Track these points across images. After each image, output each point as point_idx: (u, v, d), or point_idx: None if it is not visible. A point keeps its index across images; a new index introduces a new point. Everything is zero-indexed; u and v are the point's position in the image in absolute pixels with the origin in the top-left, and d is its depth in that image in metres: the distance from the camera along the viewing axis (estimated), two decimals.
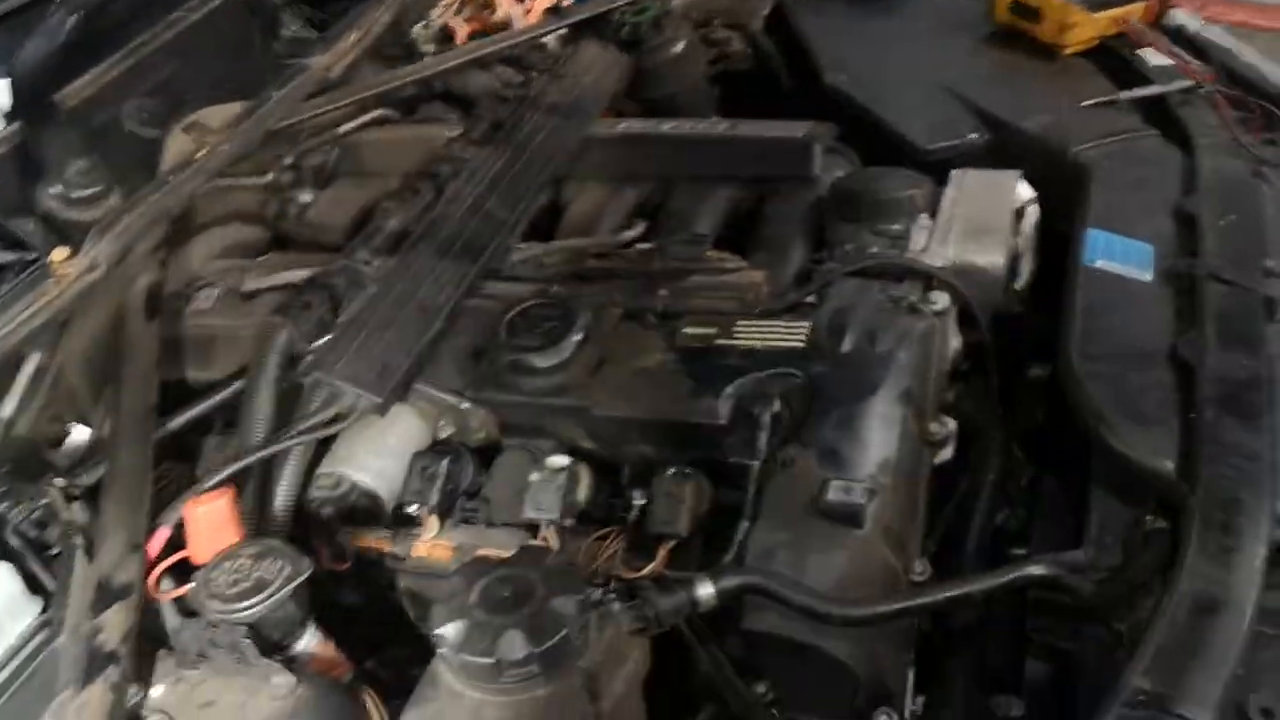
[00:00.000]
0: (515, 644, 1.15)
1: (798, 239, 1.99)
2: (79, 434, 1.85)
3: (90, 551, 1.37)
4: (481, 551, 1.55)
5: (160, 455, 1.77)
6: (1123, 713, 1.12)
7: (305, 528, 1.62)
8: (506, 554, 1.33)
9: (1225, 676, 1.14)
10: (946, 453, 1.65)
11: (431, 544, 1.64)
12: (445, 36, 2.82)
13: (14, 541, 1.47)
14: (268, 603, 1.24)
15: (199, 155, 2.05)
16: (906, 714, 1.51)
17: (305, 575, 1.27)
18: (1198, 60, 2.24)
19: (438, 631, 1.19)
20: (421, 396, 1.73)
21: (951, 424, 1.64)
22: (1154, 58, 2.29)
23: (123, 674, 1.23)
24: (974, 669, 1.64)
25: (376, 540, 1.67)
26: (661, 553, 1.53)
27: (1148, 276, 1.64)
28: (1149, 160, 1.93)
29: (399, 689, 1.29)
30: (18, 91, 1.88)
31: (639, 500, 1.63)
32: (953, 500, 1.74)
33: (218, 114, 2.20)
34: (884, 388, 1.57)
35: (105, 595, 1.32)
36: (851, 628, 1.40)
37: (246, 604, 1.24)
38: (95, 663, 1.25)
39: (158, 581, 1.35)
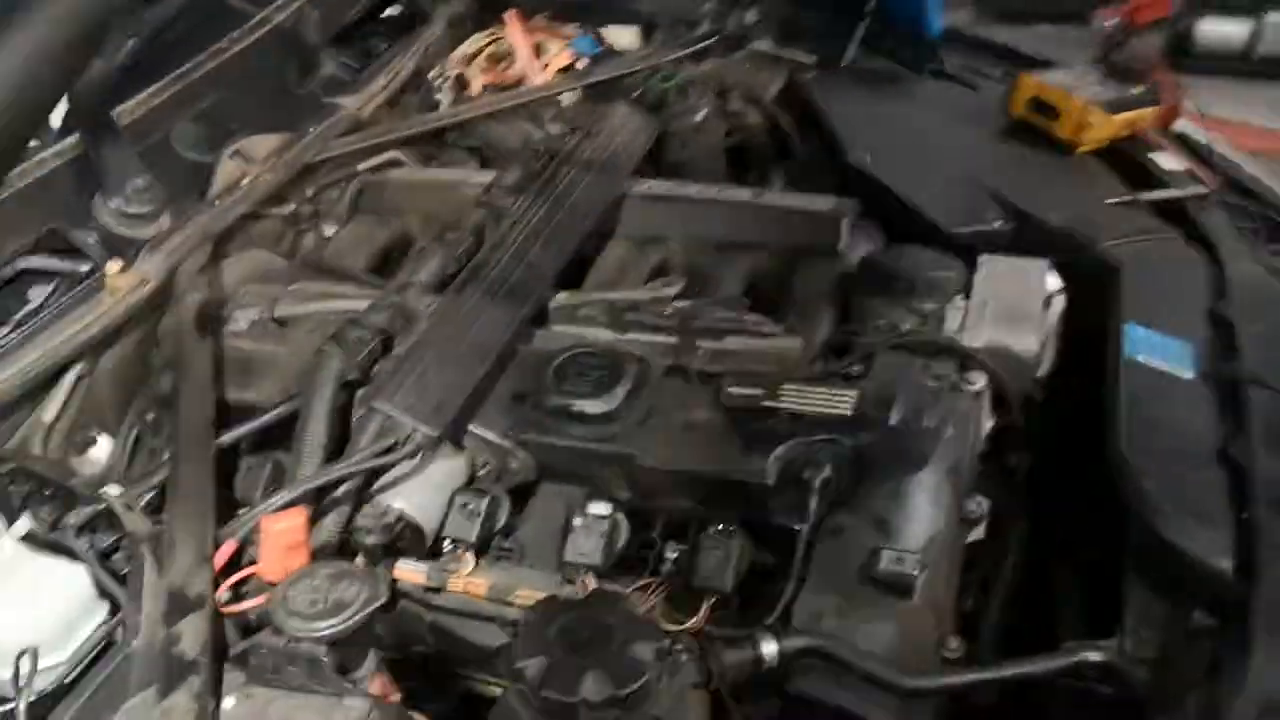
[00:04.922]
0: (599, 685, 1.17)
1: (825, 309, 2.03)
2: (103, 444, 1.86)
3: (158, 560, 1.38)
4: (524, 591, 1.58)
5: None
6: None
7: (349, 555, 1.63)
8: (583, 595, 1.35)
9: None
10: (979, 531, 1.70)
11: (467, 581, 1.65)
12: (460, 86, 2.89)
13: (76, 546, 1.47)
14: (348, 623, 1.24)
15: (244, 182, 2.08)
16: None
17: (383, 600, 1.28)
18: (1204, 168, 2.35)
19: (518, 665, 1.21)
20: (467, 434, 1.75)
21: (986, 503, 1.68)
22: (1166, 162, 2.37)
23: (204, 684, 1.24)
24: None
25: (410, 573, 1.68)
26: (704, 608, 1.55)
27: (1189, 374, 1.70)
28: (1175, 261, 2.00)
29: None
30: (76, 106, 1.90)
31: (672, 554, 1.66)
32: (972, 583, 1.79)
33: (260, 144, 2.24)
34: (932, 462, 1.61)
35: (179, 605, 1.34)
36: (895, 699, 1.43)
37: (326, 623, 1.24)
38: (177, 671, 1.26)
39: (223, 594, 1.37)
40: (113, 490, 1.53)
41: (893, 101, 2.72)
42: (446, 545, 1.67)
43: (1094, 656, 1.42)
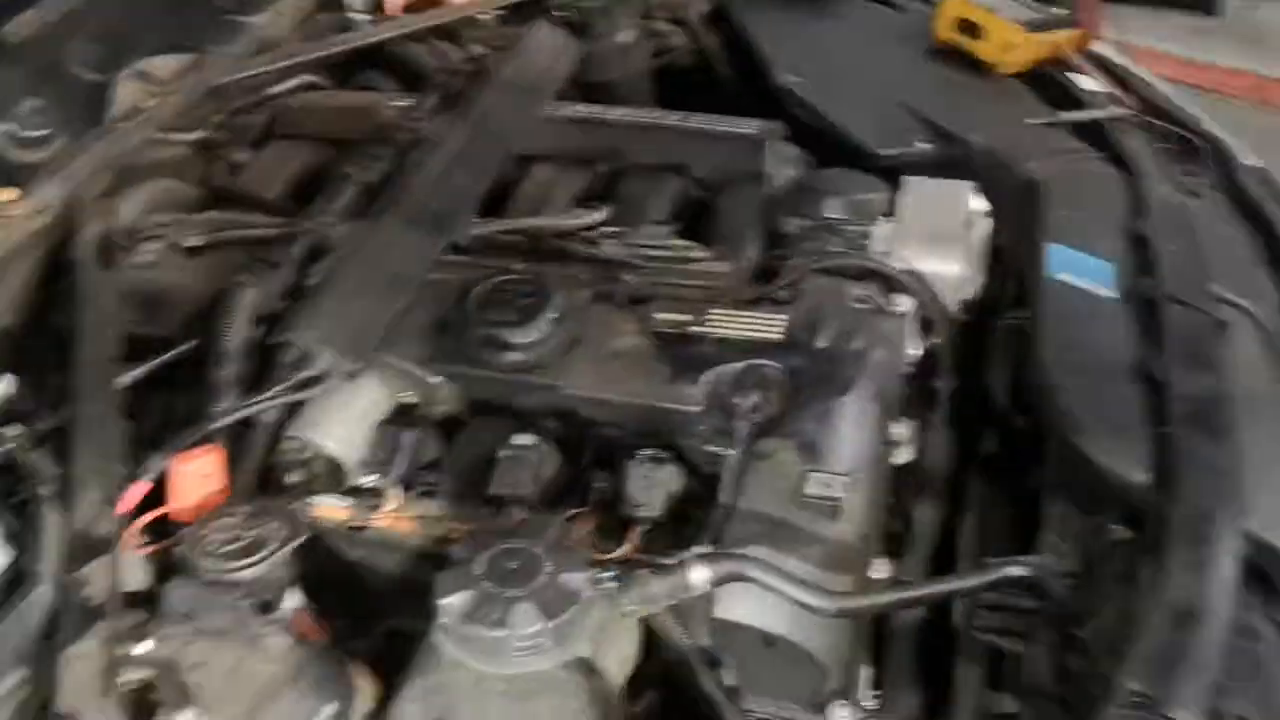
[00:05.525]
0: (528, 616, 1.15)
1: (752, 234, 2.01)
2: (2, 383, 1.78)
3: (63, 501, 1.32)
4: (451, 526, 1.55)
5: None
6: (1119, 713, 1.17)
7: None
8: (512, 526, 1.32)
9: (1208, 682, 1.19)
10: (904, 454, 1.69)
11: (393, 516, 1.61)
12: (377, 5, 2.80)
13: None
14: (267, 563, 1.21)
15: (148, 105, 1.99)
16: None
17: (303, 537, 1.24)
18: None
19: (442, 602, 1.18)
20: (388, 366, 1.70)
21: (912, 425, 1.68)
22: (1086, 84, 2.38)
23: (113, 629, 1.19)
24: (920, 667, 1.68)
25: (333, 509, 1.64)
26: (635, 536, 1.53)
27: (1109, 292, 1.71)
28: (1095, 181, 2.00)
29: None
30: None
31: (600, 483, 1.64)
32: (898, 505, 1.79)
33: (164, 65, 2.14)
34: (859, 385, 1.60)
35: (85, 548, 1.28)
36: (821, 622, 1.42)
37: (244, 563, 1.20)
38: (86, 616, 1.21)
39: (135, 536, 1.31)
40: (12, 430, 1.46)
41: (818, 23, 2.69)
42: (370, 480, 1.63)
43: (1016, 571, 1.42)
